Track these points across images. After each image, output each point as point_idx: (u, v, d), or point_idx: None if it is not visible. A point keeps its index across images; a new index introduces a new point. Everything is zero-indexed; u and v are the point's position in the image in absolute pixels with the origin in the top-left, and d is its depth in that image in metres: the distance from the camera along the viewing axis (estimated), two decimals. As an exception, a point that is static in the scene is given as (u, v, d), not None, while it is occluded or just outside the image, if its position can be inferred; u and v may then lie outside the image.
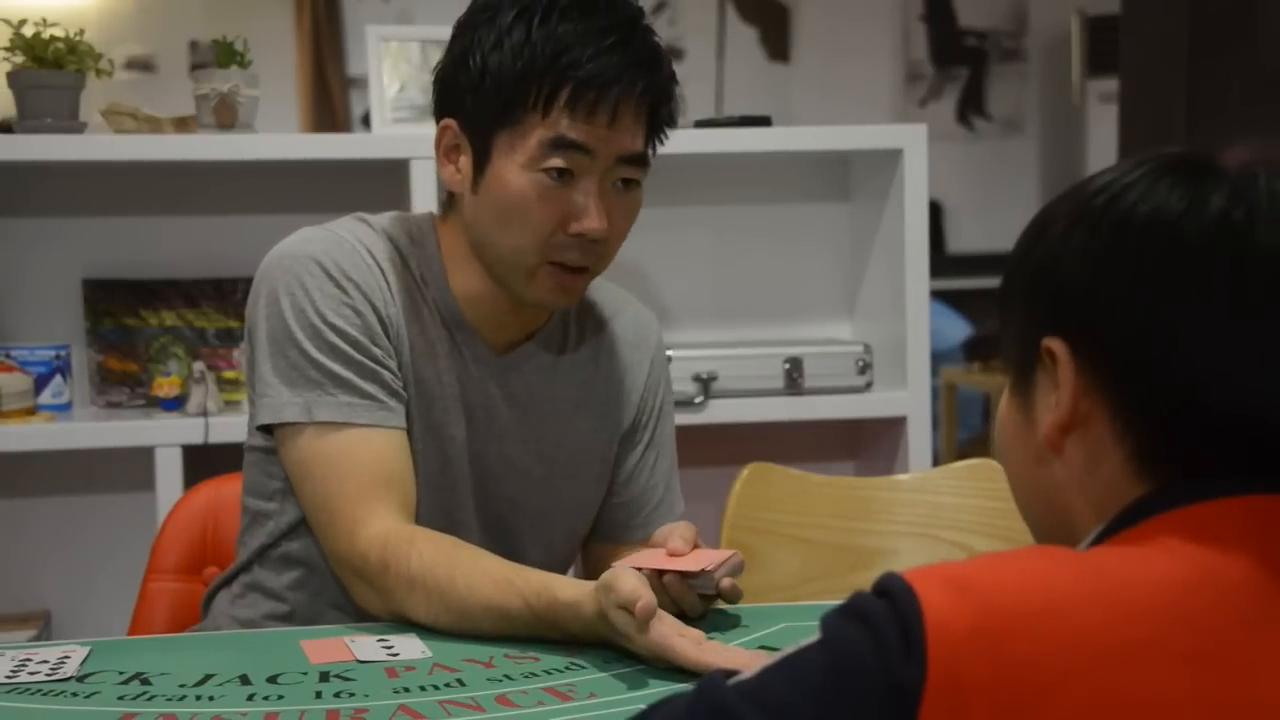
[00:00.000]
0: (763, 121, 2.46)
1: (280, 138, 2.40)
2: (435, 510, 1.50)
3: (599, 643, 1.27)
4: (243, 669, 1.24)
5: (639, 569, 1.33)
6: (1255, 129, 3.62)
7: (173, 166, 2.28)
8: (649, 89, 1.43)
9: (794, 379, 2.43)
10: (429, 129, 1.51)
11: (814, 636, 0.78)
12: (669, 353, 2.37)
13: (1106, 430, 0.84)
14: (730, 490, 1.89)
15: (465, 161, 1.46)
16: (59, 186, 2.42)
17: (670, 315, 2.62)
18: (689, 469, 1.73)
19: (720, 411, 2.40)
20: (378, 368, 1.45)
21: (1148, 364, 0.82)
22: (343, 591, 1.46)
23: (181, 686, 1.21)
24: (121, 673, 1.25)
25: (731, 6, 4.49)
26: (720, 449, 2.49)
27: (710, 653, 1.18)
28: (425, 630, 1.35)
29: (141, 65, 3.92)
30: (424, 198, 2.26)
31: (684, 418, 2.39)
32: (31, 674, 1.23)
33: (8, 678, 1.22)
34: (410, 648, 1.29)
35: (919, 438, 2.44)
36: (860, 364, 2.45)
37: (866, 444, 2.63)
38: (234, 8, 3.54)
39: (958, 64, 4.63)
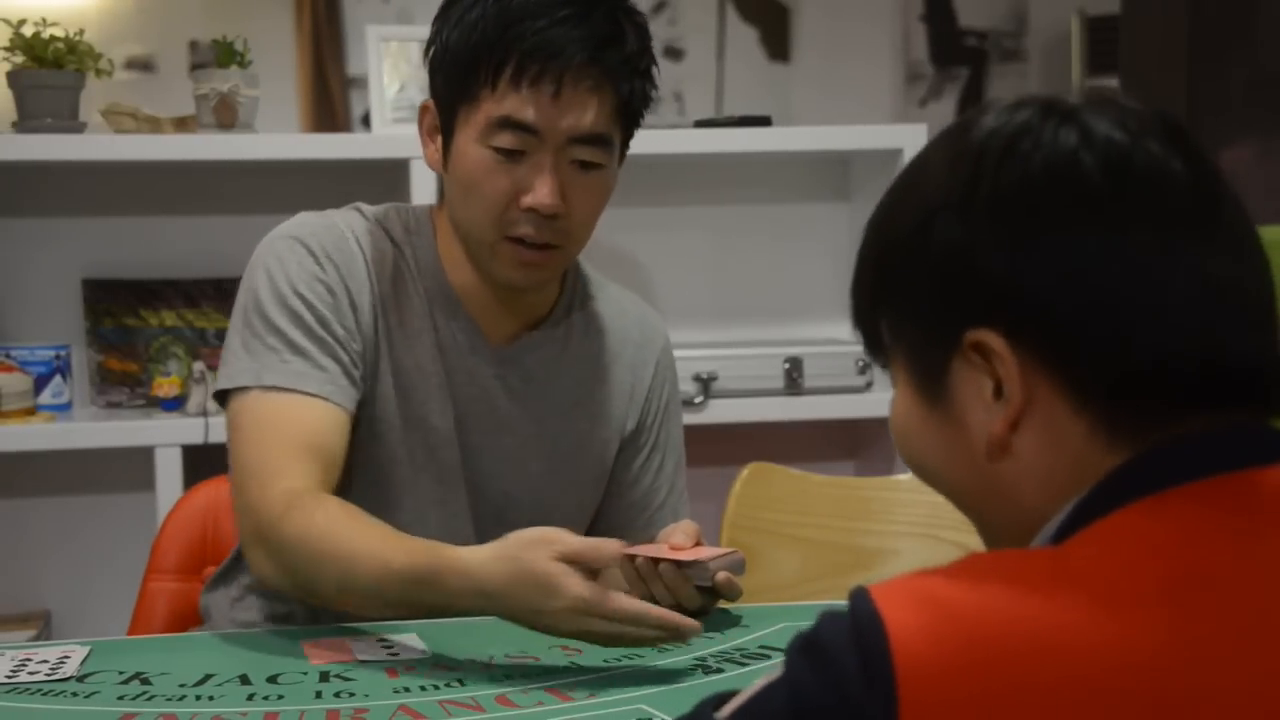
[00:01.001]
0: (763, 121, 2.46)
1: (280, 137, 2.40)
2: (428, 501, 1.50)
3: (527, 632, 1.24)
4: (243, 669, 1.24)
5: (634, 556, 1.35)
6: (1255, 129, 3.62)
7: (173, 166, 2.28)
8: (599, 61, 1.40)
9: (794, 379, 2.43)
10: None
11: (779, 671, 0.72)
12: (669, 352, 2.38)
13: (1060, 408, 0.76)
14: (730, 490, 1.89)
15: (440, 141, 1.48)
16: (59, 186, 2.42)
17: (670, 315, 2.61)
18: (689, 469, 1.73)
19: (720, 411, 2.40)
20: (337, 346, 1.44)
21: (1096, 325, 0.74)
22: None
23: (181, 686, 1.21)
24: (121, 672, 1.25)
25: (731, 6, 4.49)
26: (720, 449, 2.48)
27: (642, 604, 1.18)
28: (424, 628, 1.35)
29: (141, 65, 3.91)
30: (424, 198, 2.26)
31: (684, 417, 2.38)
32: (31, 674, 1.23)
33: (7, 678, 1.22)
34: (410, 647, 1.29)
35: (919, 437, 2.43)
36: (860, 364, 2.45)
37: (866, 444, 2.63)
38: (234, 8, 3.53)
39: (958, 64, 4.63)
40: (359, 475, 1.48)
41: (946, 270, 0.78)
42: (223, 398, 1.47)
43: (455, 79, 1.44)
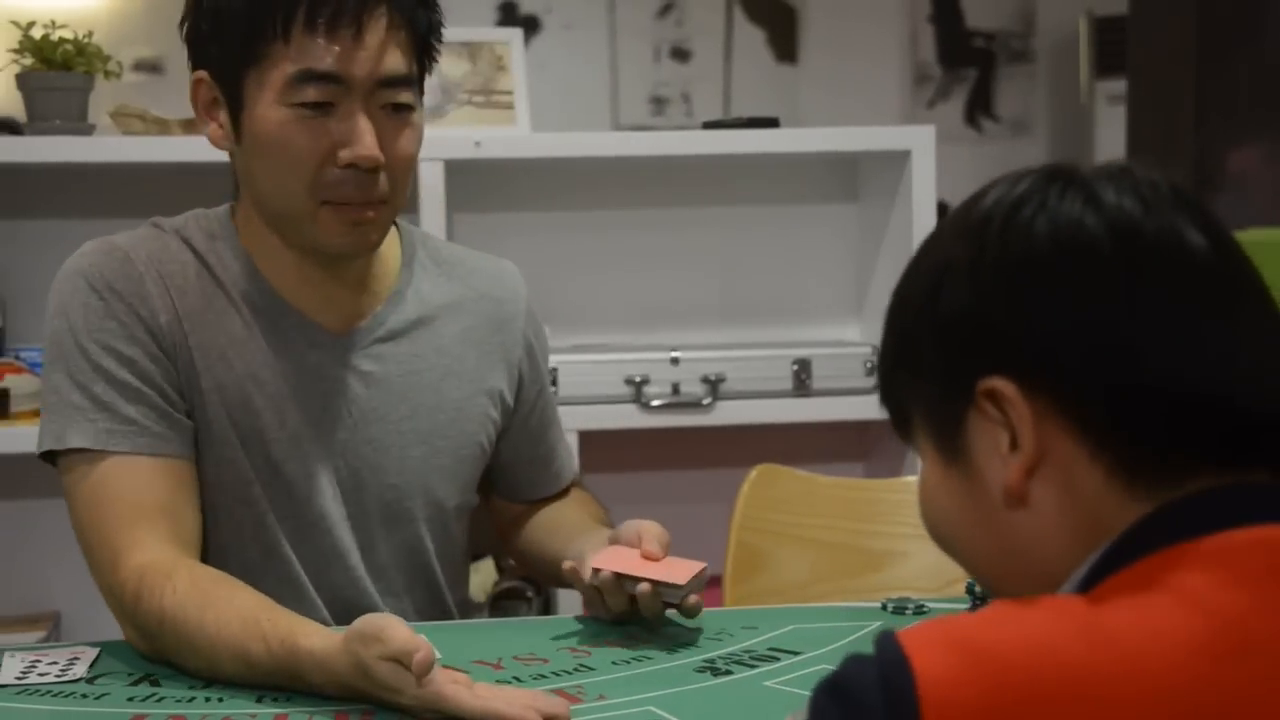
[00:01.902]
0: (770, 123, 2.46)
1: (288, 139, 2.40)
2: (289, 517, 1.43)
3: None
4: (252, 670, 1.24)
5: (614, 572, 1.31)
6: (1264, 130, 3.61)
7: (181, 168, 2.28)
8: None
9: (802, 380, 2.43)
10: (433, 129, 1.49)
11: (803, 713, 0.73)
12: (676, 354, 2.39)
13: (1076, 454, 0.77)
14: (738, 492, 1.89)
15: (224, 115, 1.37)
16: (68, 188, 2.42)
17: (678, 316, 2.62)
18: (696, 470, 1.73)
19: (728, 413, 2.40)
20: (144, 388, 1.36)
21: (1108, 371, 0.76)
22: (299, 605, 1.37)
23: (190, 688, 1.21)
24: (131, 674, 1.25)
25: (739, 8, 4.48)
26: (728, 450, 2.48)
27: (489, 697, 1.08)
28: (431, 631, 1.35)
29: (149, 67, 3.92)
30: (431, 198, 2.26)
31: (692, 419, 2.39)
32: (41, 675, 1.24)
33: (18, 679, 1.23)
34: (419, 649, 1.29)
35: (927, 439, 2.43)
36: (868, 365, 2.45)
37: (875, 445, 2.63)
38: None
39: (965, 65, 4.63)
40: (221, 506, 1.41)
41: (957, 327, 0.80)
42: (48, 457, 1.39)
43: (235, 41, 1.32)
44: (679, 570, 1.32)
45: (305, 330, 1.43)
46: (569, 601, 2.24)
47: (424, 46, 1.39)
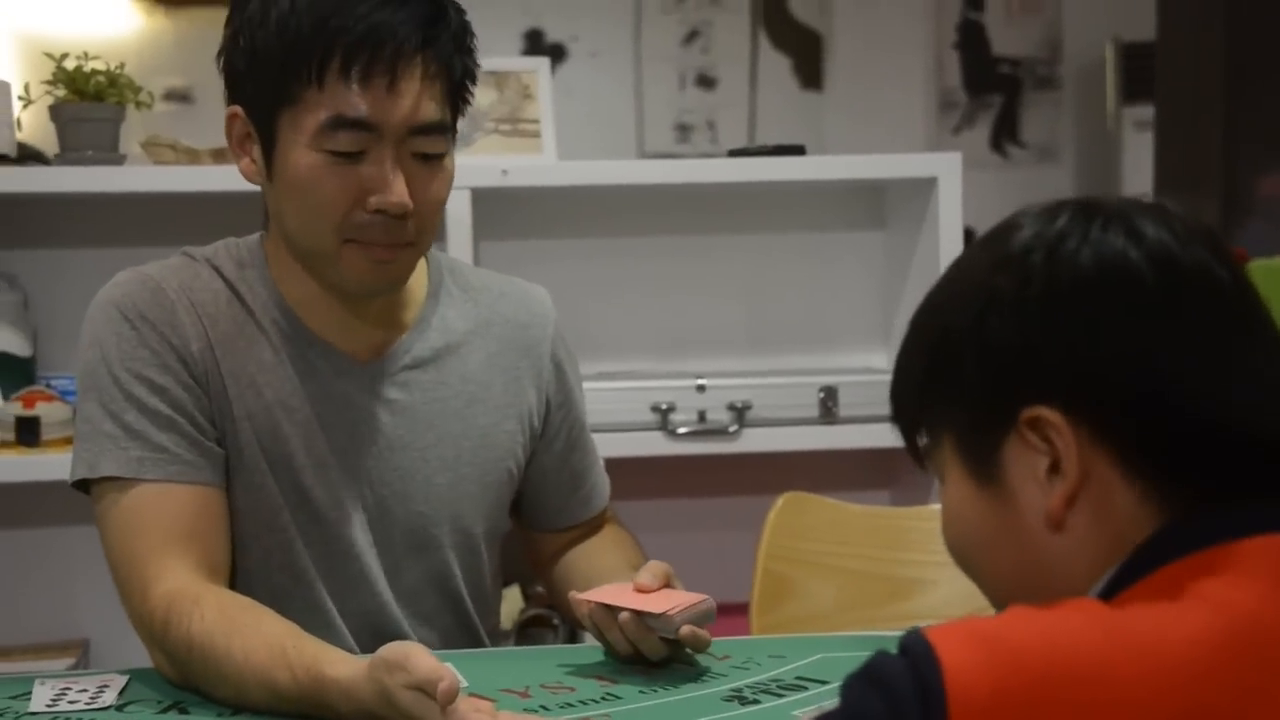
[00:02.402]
0: (796, 151, 2.46)
1: (317, 168, 2.41)
2: (327, 547, 1.43)
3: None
4: (280, 698, 1.24)
5: (599, 604, 1.29)
6: (1293, 156, 3.59)
7: (211, 197, 2.30)
8: (430, 43, 1.32)
9: (829, 408, 2.42)
10: (459, 158, 1.49)
11: (835, 703, 0.76)
12: (702, 382, 2.39)
13: (1113, 478, 0.80)
14: (765, 519, 1.89)
15: (257, 151, 1.37)
16: (99, 217, 2.44)
17: (704, 344, 2.62)
18: (723, 498, 1.73)
19: (754, 441, 2.40)
20: (176, 416, 1.37)
21: (1150, 400, 0.79)
22: (330, 631, 1.40)
23: (219, 716, 1.22)
24: (160, 701, 1.26)
25: (764, 35, 4.50)
26: (755, 478, 2.48)
27: None
28: (458, 659, 1.35)
29: (180, 96, 3.95)
30: (458, 226, 2.26)
31: (718, 446, 2.39)
32: (71, 703, 1.24)
33: (47, 706, 1.23)
34: (446, 677, 1.29)
35: (955, 466, 2.42)
36: (895, 392, 2.44)
37: (902, 473, 2.62)
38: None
39: (991, 92, 4.62)
40: (250, 533, 1.42)
41: (1003, 356, 0.82)
42: (80, 487, 1.40)
43: (271, 81, 1.32)
44: (665, 600, 1.28)
45: (332, 359, 1.44)
46: (596, 629, 2.24)
47: (458, 91, 1.38)
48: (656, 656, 1.28)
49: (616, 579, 1.41)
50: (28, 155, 2.29)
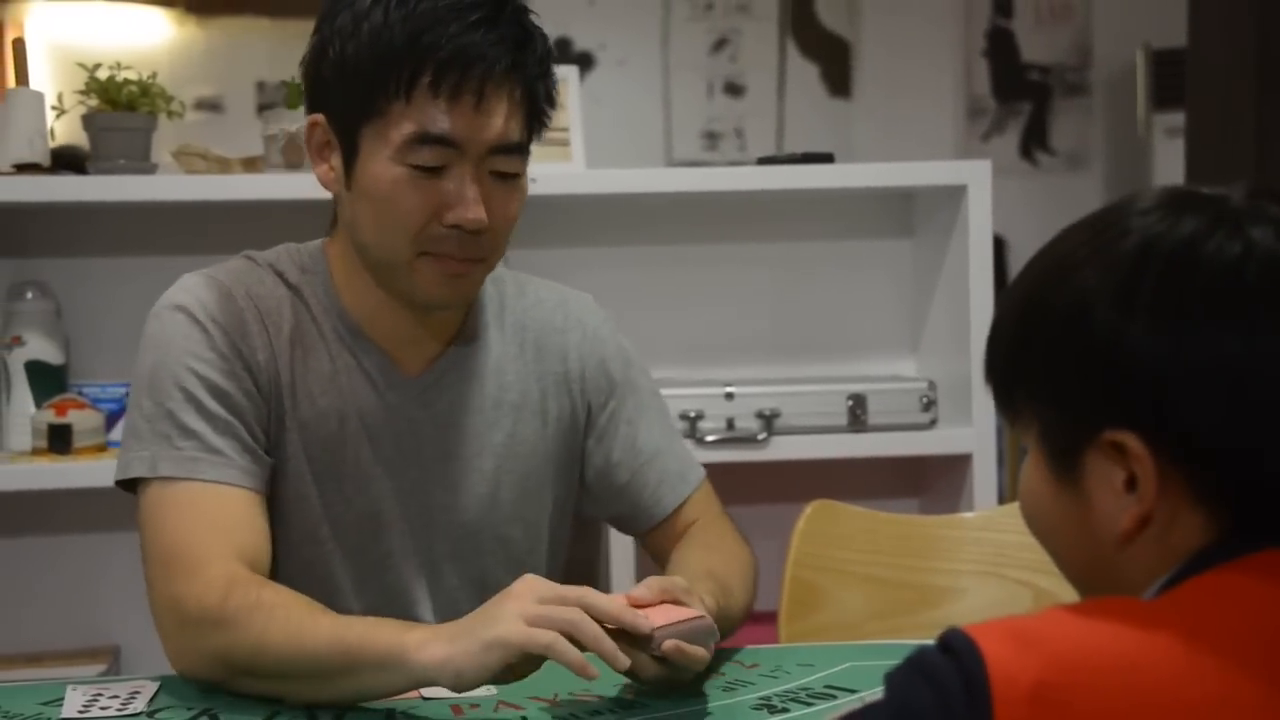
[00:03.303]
0: (825, 158, 2.46)
1: (347, 177, 2.42)
2: (364, 557, 1.44)
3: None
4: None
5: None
6: (1325, 162, 3.56)
7: (242, 206, 2.31)
8: (518, 67, 1.34)
9: (857, 416, 2.42)
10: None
11: (878, 694, 0.78)
12: (731, 389, 2.38)
13: (1183, 499, 0.80)
14: (794, 528, 1.89)
15: (337, 159, 1.39)
16: (131, 226, 2.46)
17: (733, 352, 2.62)
18: (751, 505, 1.73)
19: (783, 448, 2.39)
20: (235, 421, 1.38)
21: (1236, 431, 0.78)
22: None
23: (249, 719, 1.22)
24: (190, 708, 1.26)
25: (792, 43, 4.49)
26: (783, 486, 2.48)
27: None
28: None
29: (210, 106, 3.97)
30: (488, 236, 2.27)
31: (746, 454, 2.39)
32: (103, 709, 1.25)
33: (79, 713, 1.24)
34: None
35: (984, 475, 2.42)
36: (924, 401, 2.44)
37: (931, 481, 2.61)
38: (299, 49, 3.58)
39: (1021, 99, 4.61)
40: (290, 544, 1.43)
41: (1098, 363, 0.81)
42: (126, 487, 1.40)
43: (359, 92, 1.34)
44: (661, 615, 1.21)
45: (386, 369, 1.45)
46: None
47: (539, 115, 1.41)
48: (647, 675, 1.22)
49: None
50: (66, 159, 2.31)
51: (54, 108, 2.29)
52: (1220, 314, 0.78)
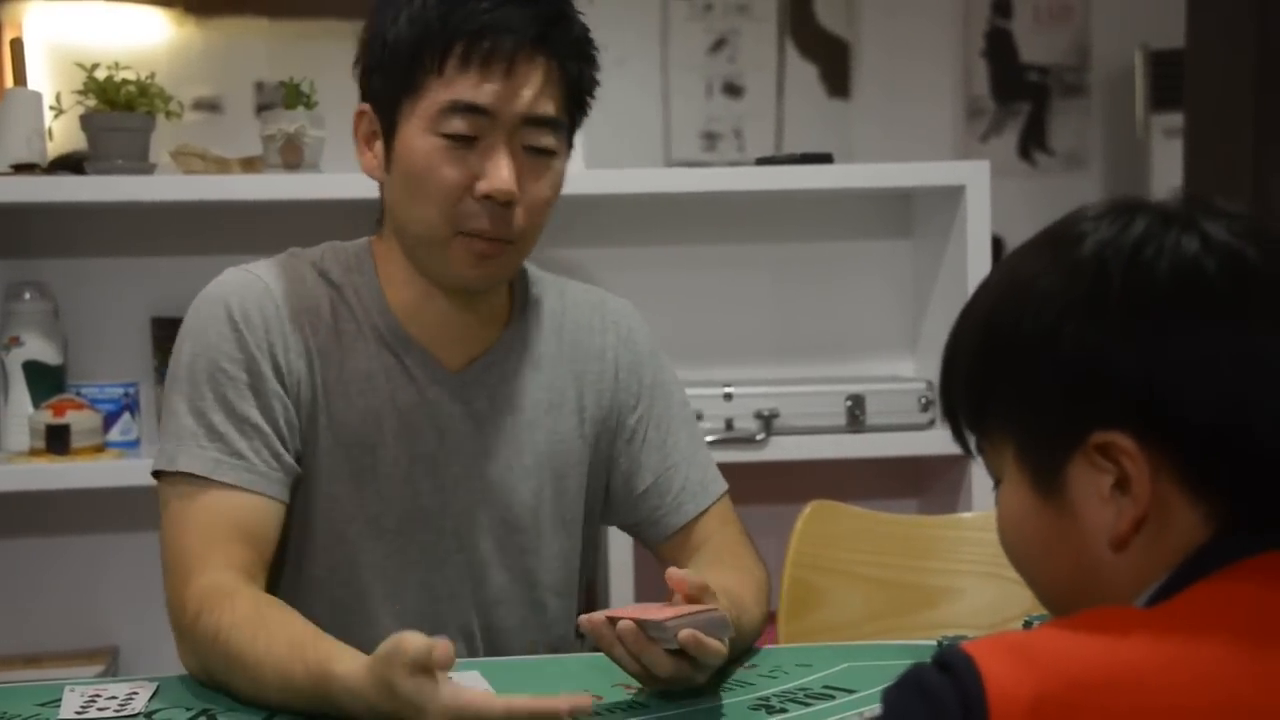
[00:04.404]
0: (824, 159, 2.46)
1: (345, 177, 2.42)
2: (392, 552, 1.44)
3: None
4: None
5: (608, 617, 1.22)
6: (1324, 163, 3.56)
7: (240, 206, 2.31)
8: (549, 40, 1.38)
9: (856, 416, 2.42)
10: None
11: (875, 710, 0.78)
12: (730, 390, 2.38)
13: (1177, 499, 0.80)
14: (792, 528, 1.89)
15: (380, 146, 1.43)
16: (129, 226, 2.46)
17: (732, 352, 2.61)
18: (750, 506, 1.72)
19: (782, 449, 2.40)
20: (262, 423, 1.39)
21: (1225, 420, 0.78)
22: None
23: (247, 723, 1.22)
24: (188, 709, 1.26)
25: (791, 43, 4.49)
26: (782, 486, 2.47)
27: (512, 698, 1.09)
28: (485, 668, 1.35)
29: (208, 106, 3.97)
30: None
31: (745, 455, 2.39)
32: (101, 710, 1.25)
33: (77, 713, 1.24)
34: (472, 685, 1.29)
35: (982, 476, 2.40)
36: (923, 401, 2.44)
37: (929, 481, 2.61)
38: (298, 49, 3.57)
39: (1019, 99, 4.60)
40: (319, 544, 1.44)
41: (1077, 372, 0.80)
42: (157, 475, 1.42)
43: (397, 73, 1.39)
44: (675, 611, 1.21)
45: (427, 366, 1.46)
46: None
47: (576, 97, 1.44)
48: (664, 672, 1.22)
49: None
50: (66, 165, 2.31)
51: (52, 108, 2.28)
52: (1191, 308, 0.79)
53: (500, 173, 1.37)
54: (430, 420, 1.46)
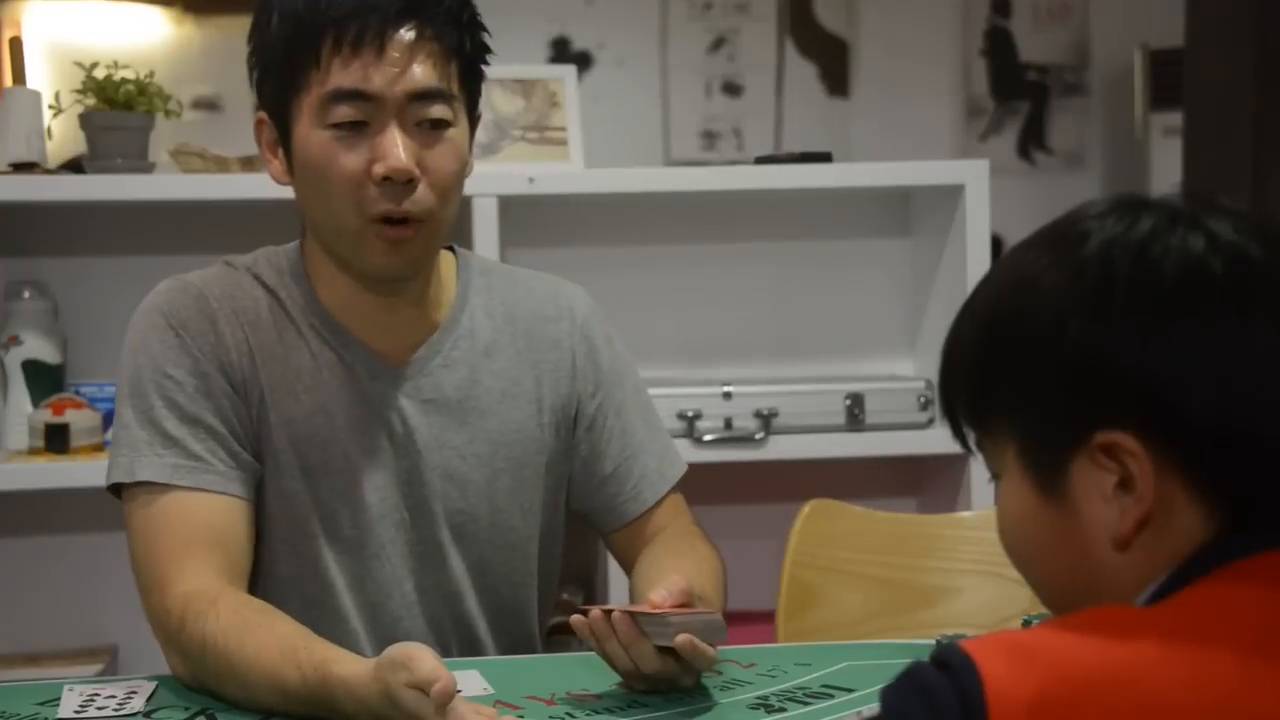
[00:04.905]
0: (823, 158, 2.46)
1: (344, 176, 2.42)
2: (361, 552, 1.44)
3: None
4: (307, 705, 1.24)
5: (603, 610, 1.22)
6: (1323, 162, 3.57)
7: (239, 205, 2.31)
8: (418, 13, 1.35)
9: (855, 415, 2.42)
10: (487, 165, 1.50)
11: (874, 709, 0.77)
12: (729, 389, 2.38)
13: (1180, 498, 0.79)
14: (791, 527, 1.89)
15: (281, 152, 1.43)
16: (128, 226, 2.46)
17: (731, 351, 2.61)
18: (749, 505, 1.73)
19: (781, 448, 2.39)
20: (216, 424, 1.39)
21: (1229, 419, 0.77)
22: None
23: (246, 722, 1.22)
24: (187, 708, 1.26)
25: (790, 42, 4.49)
26: (781, 485, 2.47)
27: None
28: (483, 665, 1.35)
29: (208, 105, 3.97)
30: (485, 233, 2.27)
31: (744, 454, 2.39)
32: (99, 709, 1.25)
33: (75, 713, 1.24)
34: (471, 684, 1.29)
35: (982, 474, 2.40)
36: (922, 400, 2.44)
37: (929, 480, 2.61)
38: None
39: (1018, 98, 4.60)
40: (284, 541, 1.44)
41: (1080, 370, 0.80)
42: (113, 491, 1.42)
43: (281, 74, 1.38)
44: (675, 612, 1.21)
45: (368, 360, 1.45)
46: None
47: (465, 65, 1.41)
48: (651, 669, 1.21)
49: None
50: (67, 166, 2.31)
51: (51, 107, 2.28)
52: (1196, 307, 0.78)
53: (394, 151, 1.35)
54: (377, 414, 1.45)
